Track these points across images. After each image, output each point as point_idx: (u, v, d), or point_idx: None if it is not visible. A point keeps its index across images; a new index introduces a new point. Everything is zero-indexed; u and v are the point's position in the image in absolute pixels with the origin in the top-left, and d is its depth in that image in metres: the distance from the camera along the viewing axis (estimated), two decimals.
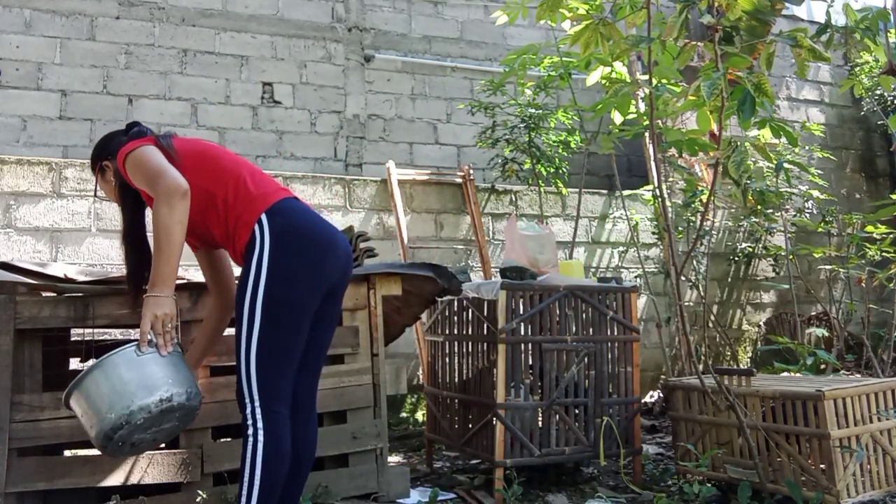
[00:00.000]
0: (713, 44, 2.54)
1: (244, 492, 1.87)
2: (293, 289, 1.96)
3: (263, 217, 2.00)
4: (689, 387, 3.16)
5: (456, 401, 3.43)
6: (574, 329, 3.16)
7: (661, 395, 5.05)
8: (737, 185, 2.56)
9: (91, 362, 2.00)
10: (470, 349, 3.32)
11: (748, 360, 5.86)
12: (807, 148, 6.12)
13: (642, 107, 4.30)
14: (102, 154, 2.24)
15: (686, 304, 5.54)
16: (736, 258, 6.01)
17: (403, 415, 4.80)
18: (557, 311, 3.14)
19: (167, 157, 2.05)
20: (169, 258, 1.95)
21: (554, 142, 5.29)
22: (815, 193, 5.80)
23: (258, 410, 1.91)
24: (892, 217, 5.09)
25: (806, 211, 5.96)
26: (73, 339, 3.15)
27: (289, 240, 1.98)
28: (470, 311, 3.30)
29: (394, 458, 3.90)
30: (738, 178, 2.47)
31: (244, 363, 1.92)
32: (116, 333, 3.70)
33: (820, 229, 5.81)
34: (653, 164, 3.28)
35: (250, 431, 1.90)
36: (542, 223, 4.89)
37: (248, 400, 1.92)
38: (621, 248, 5.66)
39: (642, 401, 4.27)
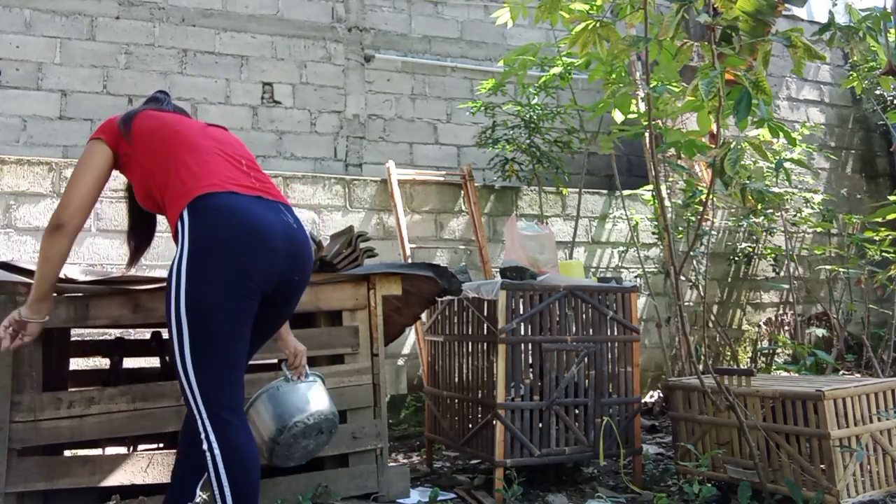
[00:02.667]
0: (710, 44, 2.54)
1: None
2: (216, 297, 1.82)
3: (185, 215, 1.87)
4: (689, 387, 3.16)
5: (456, 401, 3.43)
6: (574, 329, 3.16)
7: (661, 395, 5.05)
8: (725, 187, 2.55)
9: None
10: (470, 349, 3.32)
11: (748, 360, 5.86)
12: (805, 147, 6.12)
13: (642, 107, 4.30)
14: None
15: (686, 304, 5.54)
16: (736, 258, 6.01)
17: (403, 415, 4.80)
18: (557, 311, 3.14)
19: (120, 143, 2.04)
20: (35, 283, 2.01)
21: (554, 142, 5.29)
22: (818, 196, 5.81)
23: (207, 422, 1.80)
24: (893, 217, 5.10)
25: (807, 211, 5.96)
26: (72, 338, 3.16)
27: (208, 244, 1.83)
28: (470, 311, 3.30)
29: (394, 459, 3.90)
30: (730, 177, 2.46)
31: (183, 376, 1.82)
32: (116, 333, 3.70)
33: (820, 229, 5.81)
34: (652, 164, 3.28)
35: (205, 446, 1.79)
36: (542, 223, 4.89)
37: (195, 413, 1.81)
38: (621, 248, 5.66)
39: (642, 401, 4.27)
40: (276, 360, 3.06)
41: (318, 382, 2.41)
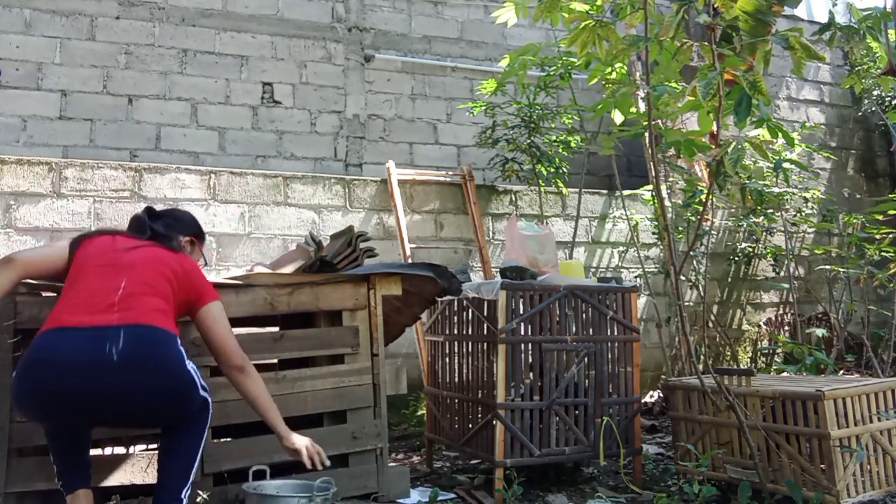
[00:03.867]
0: (710, 44, 2.54)
1: None
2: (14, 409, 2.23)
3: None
4: (689, 387, 3.16)
5: (456, 401, 3.43)
6: (574, 329, 3.16)
7: (661, 395, 5.05)
8: (720, 188, 2.55)
9: None
10: (470, 349, 3.32)
11: (748, 360, 5.86)
12: (805, 147, 6.13)
13: (642, 107, 4.30)
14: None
15: (686, 304, 5.54)
16: (736, 258, 6.01)
17: (403, 415, 4.80)
18: (557, 311, 3.14)
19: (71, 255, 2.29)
20: None
21: (554, 142, 5.29)
22: (817, 194, 5.81)
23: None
24: (893, 216, 5.10)
25: (806, 211, 5.96)
26: None
27: (15, 378, 2.07)
28: (470, 311, 3.30)
29: (394, 458, 3.90)
30: (725, 179, 2.47)
31: None
32: None
33: (821, 227, 5.81)
34: (652, 164, 3.28)
35: None
36: (542, 223, 4.89)
37: None
38: (621, 248, 5.66)
39: (642, 401, 4.27)
40: (275, 360, 3.06)
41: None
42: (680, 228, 5.44)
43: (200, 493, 2.51)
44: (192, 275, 2.34)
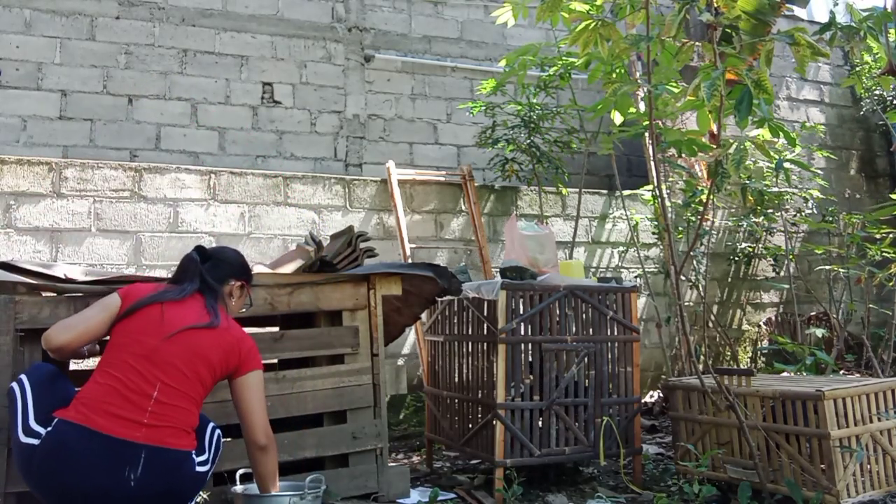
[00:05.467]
0: (711, 44, 2.54)
1: None
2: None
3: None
4: (689, 387, 3.16)
5: (456, 401, 3.43)
6: (574, 329, 3.16)
7: (661, 395, 5.05)
8: (719, 188, 2.56)
9: None
10: (470, 349, 3.32)
11: (748, 360, 5.86)
12: (807, 148, 6.13)
13: (642, 107, 4.30)
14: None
15: (686, 304, 5.54)
16: (736, 258, 6.01)
17: (403, 415, 4.80)
18: (557, 311, 3.14)
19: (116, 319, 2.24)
20: None
21: (554, 142, 5.29)
22: (816, 193, 5.81)
23: None
24: (893, 216, 5.10)
25: (805, 211, 5.96)
26: None
27: (33, 456, 2.05)
28: (470, 311, 3.30)
29: (394, 458, 3.90)
30: (723, 179, 2.48)
31: None
32: None
33: (821, 227, 5.82)
34: (652, 164, 3.29)
35: None
36: (542, 223, 4.88)
37: None
38: (621, 248, 5.66)
39: (642, 401, 4.28)
40: (275, 360, 3.06)
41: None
42: (680, 228, 5.43)
43: (200, 493, 2.50)
44: (238, 347, 2.27)
